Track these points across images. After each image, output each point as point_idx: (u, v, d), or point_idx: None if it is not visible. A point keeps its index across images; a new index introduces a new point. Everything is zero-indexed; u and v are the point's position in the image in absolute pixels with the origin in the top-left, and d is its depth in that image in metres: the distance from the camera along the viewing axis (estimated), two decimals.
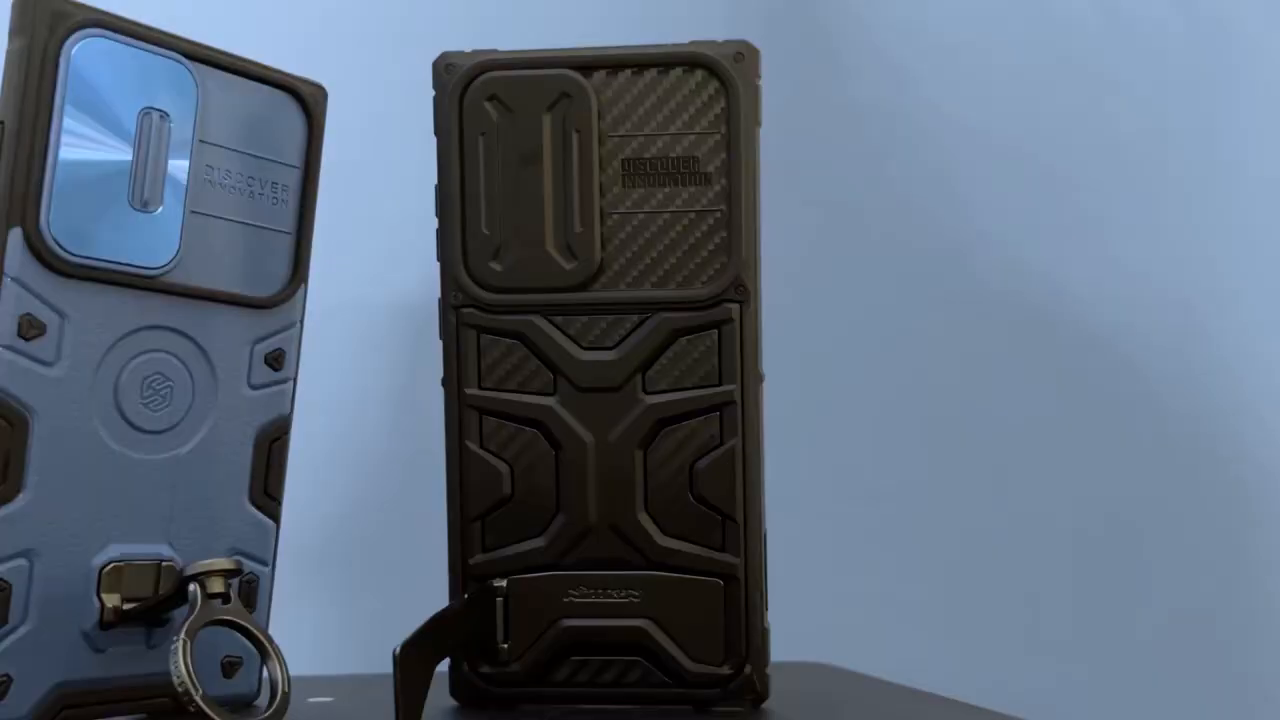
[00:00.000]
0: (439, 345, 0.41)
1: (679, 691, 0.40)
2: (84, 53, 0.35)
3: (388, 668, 0.32)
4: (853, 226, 0.61)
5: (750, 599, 0.39)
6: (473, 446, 0.40)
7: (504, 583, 0.40)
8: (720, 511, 0.40)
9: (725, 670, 0.39)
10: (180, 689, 0.33)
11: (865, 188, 0.61)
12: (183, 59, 0.37)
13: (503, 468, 0.40)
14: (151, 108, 0.37)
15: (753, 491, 0.40)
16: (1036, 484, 0.61)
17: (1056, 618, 0.60)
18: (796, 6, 0.62)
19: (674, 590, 0.40)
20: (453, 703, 0.41)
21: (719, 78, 0.40)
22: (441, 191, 0.41)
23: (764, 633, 0.40)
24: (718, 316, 0.40)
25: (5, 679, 0.34)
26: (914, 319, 0.61)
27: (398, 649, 0.32)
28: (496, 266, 0.40)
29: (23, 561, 0.35)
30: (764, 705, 0.40)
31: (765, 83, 0.40)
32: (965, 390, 0.61)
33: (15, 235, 0.34)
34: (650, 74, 0.40)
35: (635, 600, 0.40)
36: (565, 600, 0.40)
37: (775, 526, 0.41)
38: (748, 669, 0.39)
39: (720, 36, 0.40)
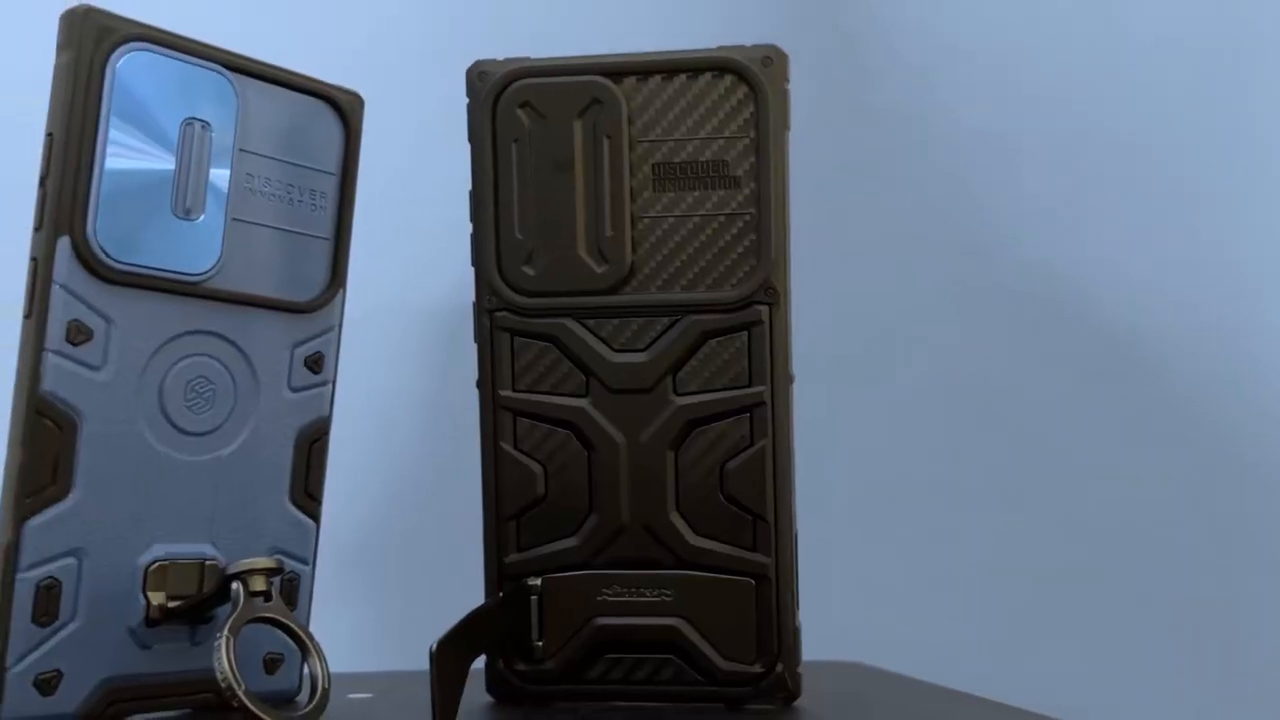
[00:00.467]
0: (474, 348, 0.41)
1: (711, 689, 0.40)
2: (128, 66, 0.36)
3: (425, 664, 0.32)
4: (881, 228, 0.61)
5: (781, 598, 0.40)
6: (507, 447, 0.41)
7: (538, 581, 0.40)
8: (751, 511, 0.40)
9: (757, 668, 0.40)
10: (223, 684, 0.34)
11: (894, 189, 0.61)
12: (223, 70, 0.38)
13: (536, 468, 0.41)
14: (193, 118, 0.38)
15: (783, 491, 0.40)
16: (1066, 482, 0.61)
17: (1088, 616, 0.60)
18: (824, 11, 0.62)
19: (706, 589, 0.40)
20: (488, 699, 0.41)
21: (748, 82, 0.40)
22: (476, 197, 0.41)
23: (795, 631, 0.40)
24: (747, 318, 0.40)
25: (55, 674, 0.35)
26: (943, 320, 0.61)
27: (434, 646, 0.32)
28: (529, 271, 0.41)
29: (72, 560, 0.35)
30: (795, 703, 0.40)
31: (793, 86, 0.40)
32: (993, 390, 0.61)
33: (64, 244, 0.35)
34: (680, 79, 0.40)
35: (668, 599, 0.40)
36: (599, 599, 0.40)
37: (808, 526, 0.41)
38: (779, 667, 0.40)
39: (749, 41, 0.41)
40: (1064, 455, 0.61)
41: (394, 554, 0.58)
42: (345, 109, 0.41)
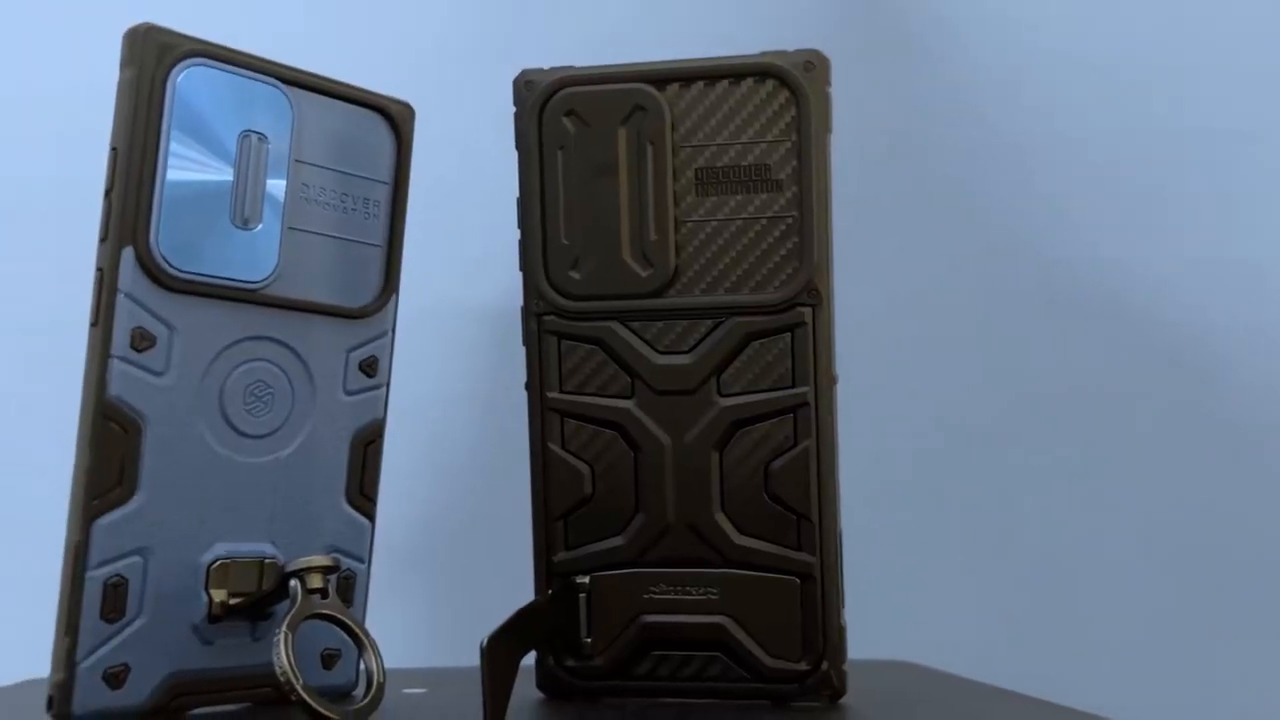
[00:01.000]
0: (522, 351, 0.42)
1: (757, 687, 0.40)
2: (188, 81, 0.37)
3: (476, 660, 0.33)
4: (925, 229, 0.61)
5: (827, 597, 0.40)
6: (555, 448, 0.41)
7: (586, 579, 0.41)
8: (795, 511, 0.40)
9: (803, 666, 0.40)
10: (282, 679, 0.35)
11: (937, 189, 0.61)
12: (278, 83, 0.39)
13: (583, 468, 0.41)
14: (251, 130, 0.39)
15: (827, 491, 0.40)
16: (1118, 481, 0.60)
17: (1139, 615, 0.60)
18: (864, 14, 0.62)
19: (751, 588, 0.40)
20: (539, 695, 0.42)
21: (789, 87, 0.40)
22: (523, 204, 0.42)
23: (841, 630, 0.40)
24: (790, 320, 0.40)
25: (123, 668, 0.36)
26: (989, 319, 0.61)
27: (484, 641, 0.33)
28: (575, 275, 0.41)
29: (138, 559, 0.37)
30: (841, 701, 0.40)
31: (837, 89, 0.40)
32: (1040, 389, 0.60)
33: (128, 254, 0.36)
34: (722, 85, 0.41)
35: (713, 597, 0.40)
36: (645, 597, 0.41)
37: (856, 525, 0.41)
38: (825, 665, 0.40)
39: (792, 46, 0.41)
40: (1119, 454, 0.60)
41: (445, 552, 0.59)
42: (397, 119, 0.42)
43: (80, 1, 0.58)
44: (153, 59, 0.36)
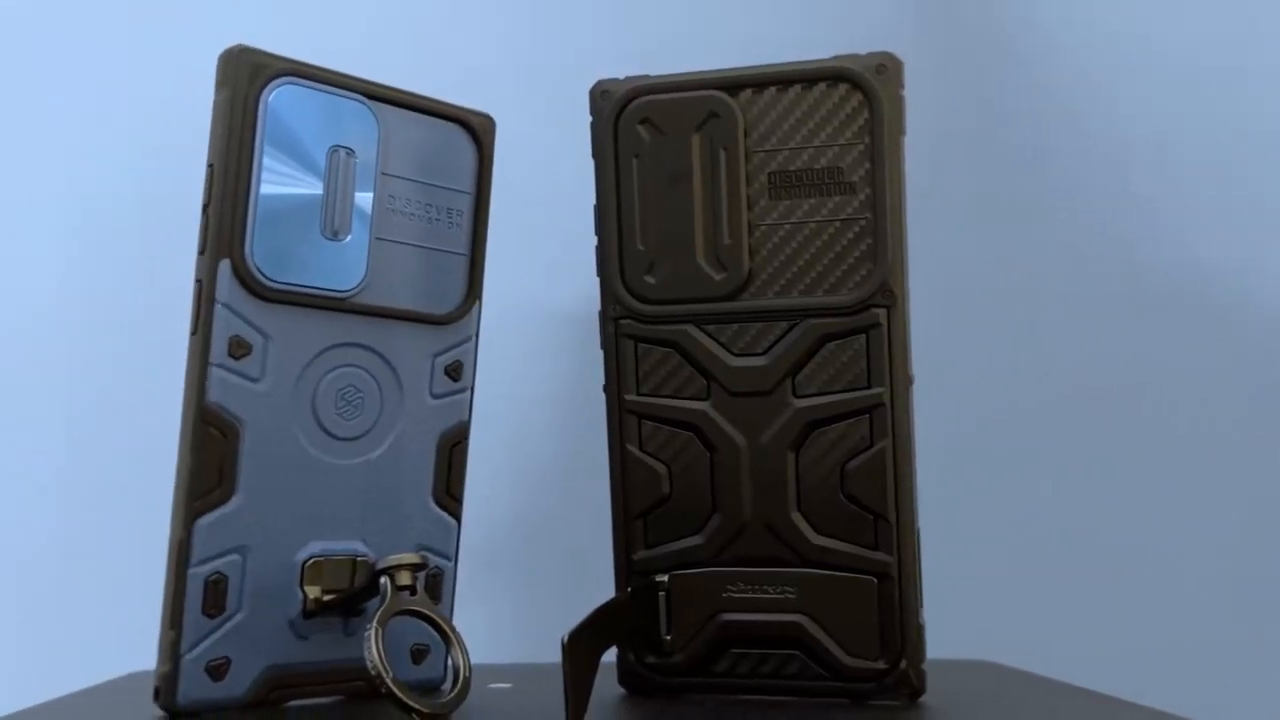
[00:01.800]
0: (600, 354, 0.42)
1: (836, 685, 0.40)
2: (280, 99, 0.39)
3: (559, 657, 0.33)
4: (1012, 228, 0.61)
5: (905, 596, 0.40)
6: (633, 449, 0.42)
7: (665, 578, 0.41)
8: (872, 511, 0.40)
9: (881, 665, 0.40)
10: (373, 673, 0.35)
11: (1032, 191, 0.61)
12: (364, 99, 0.40)
13: (661, 469, 0.42)
14: (339, 145, 0.40)
15: (904, 491, 0.40)
16: (1204, 481, 0.59)
17: (1226, 615, 0.58)
18: (947, 13, 0.62)
19: (829, 587, 0.40)
20: (620, 691, 0.42)
21: (862, 90, 0.40)
22: (600, 211, 0.42)
23: (919, 629, 0.40)
24: (865, 321, 0.40)
25: (224, 661, 0.38)
26: (1071, 319, 0.60)
27: (565, 637, 0.33)
28: (651, 280, 0.42)
29: (237, 557, 0.38)
30: (920, 700, 0.40)
31: (914, 90, 0.40)
32: (1128, 387, 0.60)
33: (224, 266, 0.38)
34: (795, 90, 0.41)
35: (791, 596, 0.40)
36: (724, 595, 0.41)
37: (941, 525, 0.41)
38: (903, 664, 0.40)
39: (869, 49, 0.41)
40: (1203, 453, 0.59)
41: (528, 551, 0.59)
42: (478, 130, 0.43)
43: (176, 26, 0.60)
44: (246, 79, 0.38)
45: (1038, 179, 0.61)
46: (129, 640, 0.44)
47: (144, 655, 0.39)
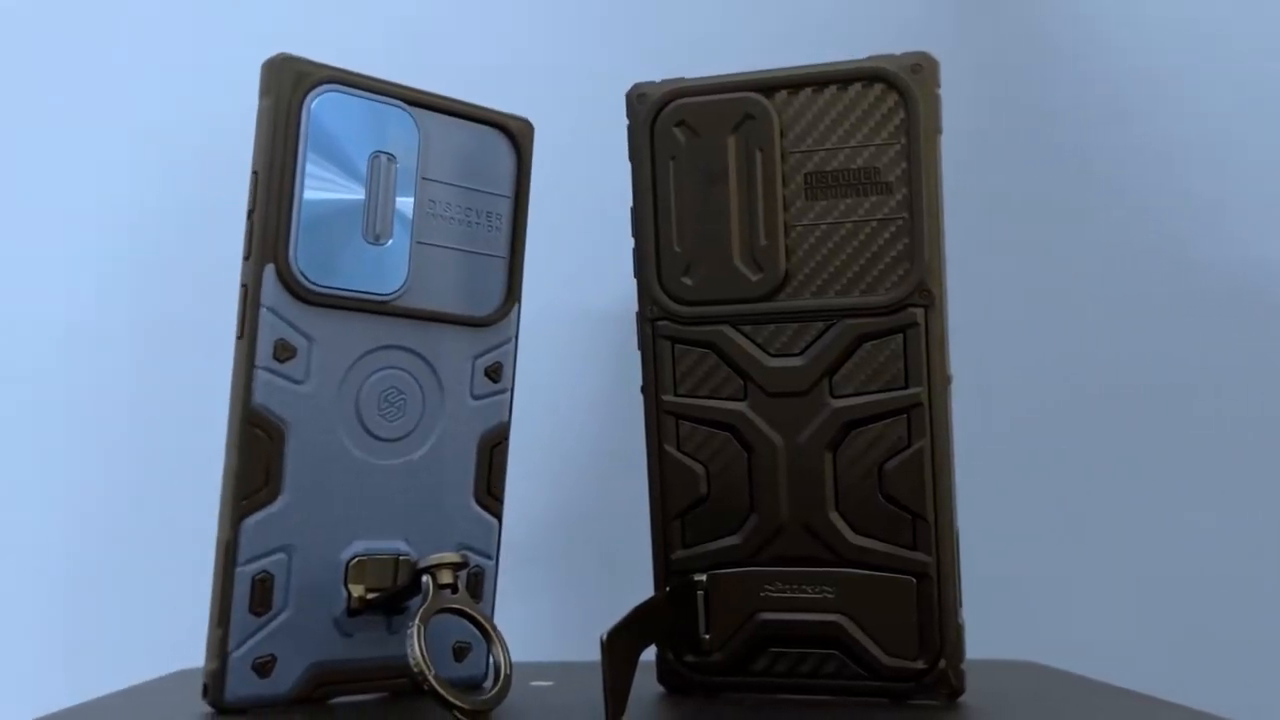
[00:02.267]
0: (637, 355, 0.43)
1: (875, 684, 0.40)
2: (322, 106, 0.39)
3: (598, 655, 0.33)
4: (1056, 226, 0.60)
5: (944, 596, 0.40)
6: (670, 449, 0.42)
7: (704, 577, 0.41)
8: (910, 511, 0.40)
9: (920, 665, 0.40)
10: (415, 670, 0.36)
11: (1084, 190, 0.60)
12: (405, 105, 0.41)
13: (699, 469, 0.42)
14: (380, 151, 0.40)
15: (943, 491, 0.40)
16: (1250, 482, 0.58)
17: (1270, 617, 0.58)
18: (991, 10, 0.61)
19: (867, 587, 0.40)
20: (659, 689, 0.42)
21: (898, 90, 0.40)
22: (636, 213, 0.43)
23: (958, 629, 0.40)
24: (902, 321, 0.40)
25: (270, 658, 0.39)
26: (1107, 319, 0.59)
27: (604, 635, 0.34)
28: (688, 281, 0.42)
29: (283, 556, 0.39)
30: (960, 700, 0.40)
31: (954, 89, 0.40)
32: (1166, 386, 0.59)
33: (269, 271, 0.38)
34: (830, 90, 0.41)
35: (829, 596, 0.41)
36: (762, 595, 0.41)
37: (981, 525, 0.41)
38: (942, 664, 0.40)
39: (908, 48, 0.41)
40: (1246, 452, 0.58)
41: (568, 550, 0.60)
42: (517, 135, 0.43)
43: (219, 35, 0.61)
44: (289, 87, 0.39)
45: (1083, 177, 0.60)
46: (179, 638, 0.45)
47: (193, 653, 0.40)
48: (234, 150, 0.44)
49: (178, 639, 0.45)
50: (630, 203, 0.43)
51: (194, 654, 0.40)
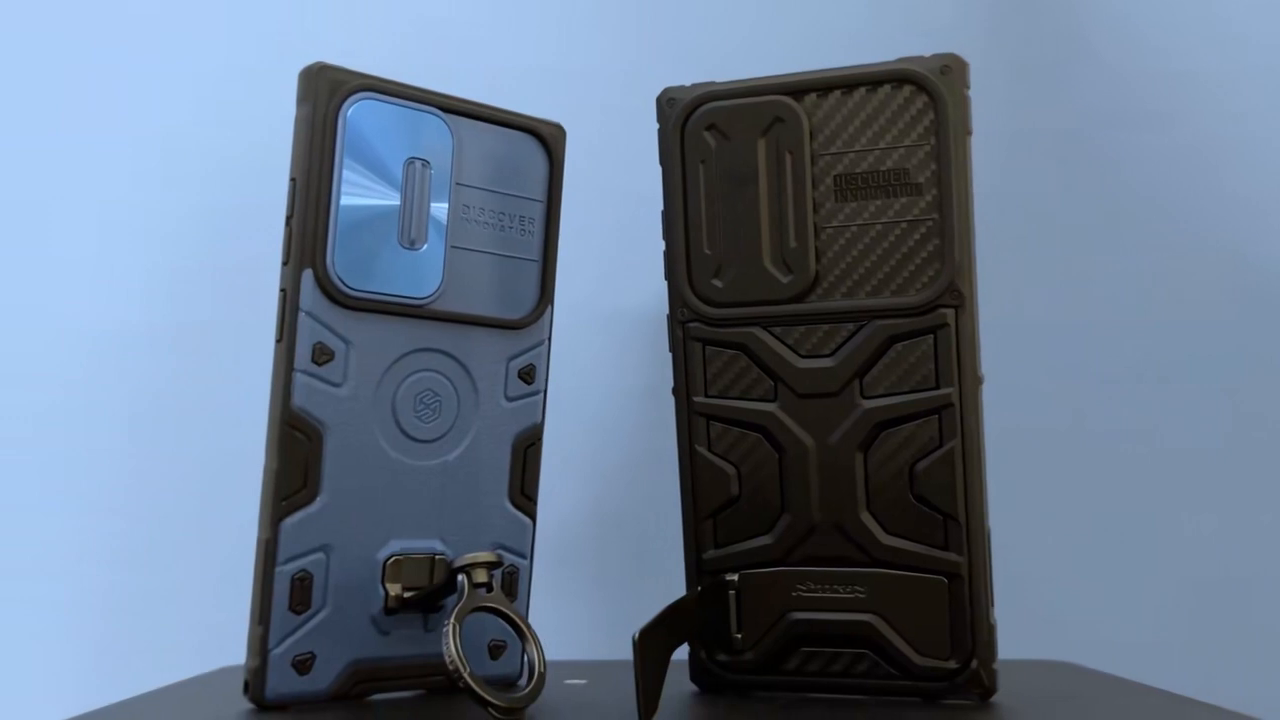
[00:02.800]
0: (669, 357, 0.43)
1: (907, 684, 0.40)
2: (358, 113, 0.40)
3: (630, 653, 0.34)
4: (1104, 229, 0.60)
5: (975, 596, 0.40)
6: (702, 450, 0.42)
7: (735, 576, 0.42)
8: (941, 511, 0.40)
9: (952, 664, 0.40)
10: (450, 668, 0.36)
11: (1118, 191, 0.60)
12: (439, 112, 0.41)
13: (730, 469, 0.42)
14: (415, 157, 0.41)
15: (974, 491, 0.40)
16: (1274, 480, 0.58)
17: None
18: (1025, 11, 0.61)
19: (899, 587, 0.40)
20: (692, 688, 0.43)
21: (927, 91, 0.40)
22: (667, 216, 0.43)
23: (990, 629, 0.40)
24: (933, 322, 0.40)
25: (309, 656, 0.39)
26: (1139, 316, 0.59)
27: (636, 634, 0.34)
28: (718, 283, 0.42)
29: (321, 555, 0.39)
30: (992, 699, 0.40)
31: (987, 91, 0.40)
32: (1195, 384, 0.59)
33: (308, 275, 0.39)
34: (859, 93, 0.41)
35: (861, 596, 0.41)
36: (793, 594, 0.41)
37: (1013, 525, 0.40)
38: (974, 663, 0.40)
39: (941, 51, 0.41)
40: (1276, 453, 0.58)
41: (600, 550, 0.60)
42: (549, 140, 0.44)
43: (258, 45, 0.62)
44: (325, 95, 0.39)
45: (1115, 178, 0.60)
46: (221, 636, 0.46)
47: (235, 650, 0.41)
48: (268, 157, 0.44)
49: (220, 637, 0.45)
50: (661, 206, 0.43)
51: (235, 652, 0.41)
